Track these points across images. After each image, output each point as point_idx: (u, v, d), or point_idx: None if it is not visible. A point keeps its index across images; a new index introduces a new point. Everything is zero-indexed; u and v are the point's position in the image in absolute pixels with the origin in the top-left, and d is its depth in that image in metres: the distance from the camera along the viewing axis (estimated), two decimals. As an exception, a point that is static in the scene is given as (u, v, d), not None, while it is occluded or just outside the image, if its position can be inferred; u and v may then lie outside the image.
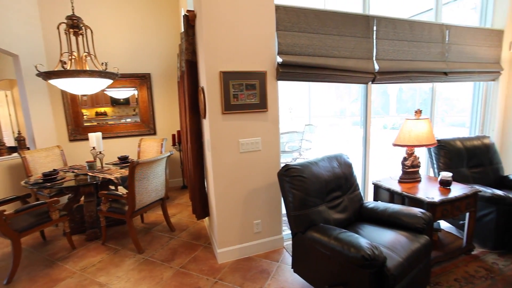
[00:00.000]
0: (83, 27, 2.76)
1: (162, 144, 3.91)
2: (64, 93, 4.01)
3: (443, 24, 3.13)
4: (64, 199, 3.53)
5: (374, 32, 2.74)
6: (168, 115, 4.70)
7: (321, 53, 2.48)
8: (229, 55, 2.18)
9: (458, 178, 2.69)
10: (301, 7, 2.38)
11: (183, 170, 4.70)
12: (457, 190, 2.25)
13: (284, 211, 2.08)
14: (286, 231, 2.71)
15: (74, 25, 2.67)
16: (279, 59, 2.30)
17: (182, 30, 2.55)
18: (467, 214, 2.31)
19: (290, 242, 2.46)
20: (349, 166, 2.25)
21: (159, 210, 3.47)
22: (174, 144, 4.56)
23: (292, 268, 2.06)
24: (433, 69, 3.05)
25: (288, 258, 2.45)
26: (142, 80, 4.43)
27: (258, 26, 2.23)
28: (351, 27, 2.61)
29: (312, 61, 2.41)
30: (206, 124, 2.34)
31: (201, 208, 2.71)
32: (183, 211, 3.67)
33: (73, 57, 2.68)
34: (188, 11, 2.40)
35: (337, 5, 2.62)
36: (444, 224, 2.86)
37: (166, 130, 4.69)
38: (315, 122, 7.45)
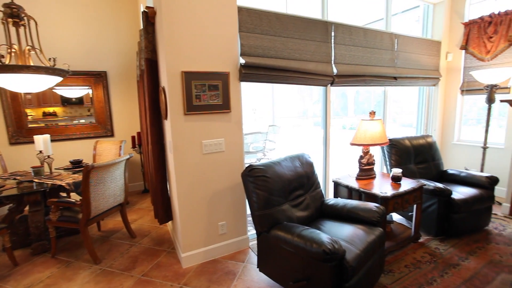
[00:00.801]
0: (25, 18, 2.49)
1: (120, 146, 3.69)
2: (2, 91, 3.58)
3: (393, 33, 3.41)
4: (4, 210, 3.15)
5: (332, 37, 2.89)
6: (127, 116, 4.45)
7: (283, 55, 2.55)
8: (191, 55, 2.14)
9: (407, 173, 2.95)
10: (264, 9, 2.43)
11: (144, 173, 4.49)
12: (406, 184, 2.47)
13: (249, 211, 2.10)
14: (252, 231, 2.73)
15: (14, 14, 2.40)
16: (242, 60, 2.32)
17: (142, 27, 2.44)
18: (415, 206, 2.54)
19: (256, 242, 2.48)
20: (310, 165, 2.35)
21: (118, 217, 3.27)
22: (134, 146, 4.33)
23: (257, 267, 2.09)
24: (384, 74, 3.31)
25: (253, 258, 2.47)
26: (97, 78, 4.13)
27: (220, 26, 2.22)
28: (311, 32, 2.72)
29: (274, 63, 2.47)
30: (167, 125, 2.26)
31: (164, 212, 2.61)
32: (144, 216, 3.51)
33: (13, 50, 2.40)
34: (147, 7, 2.31)
35: (298, 10, 2.71)
36: (396, 216, 3.12)
37: (125, 132, 4.44)
38: (278, 123, 7.62)
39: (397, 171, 2.50)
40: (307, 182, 2.26)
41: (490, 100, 3.33)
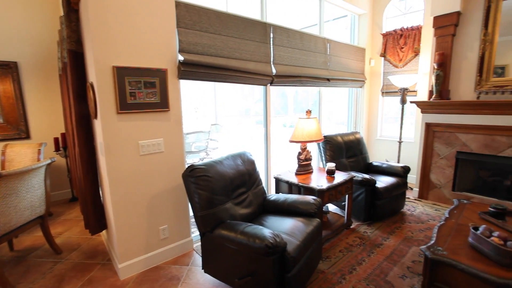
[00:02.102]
0: None
1: (39, 150, 3.19)
2: None
3: (325, 38, 3.69)
4: None
5: (271, 38, 2.99)
6: (48, 115, 3.88)
7: (223, 54, 2.54)
8: (124, 49, 1.97)
9: (340, 167, 3.25)
10: (203, 6, 2.38)
11: (71, 179, 3.98)
12: (339, 177, 2.71)
13: (192, 212, 2.04)
14: (196, 233, 2.67)
15: None
16: (181, 57, 2.24)
17: (62, 13, 2.16)
18: (347, 196, 2.81)
19: (200, 243, 2.44)
20: (252, 163, 2.40)
21: (38, 231, 2.84)
22: (57, 150, 3.81)
23: (202, 269, 2.05)
24: (319, 75, 3.57)
25: (198, 260, 2.42)
26: (4, 70, 3.50)
27: (157, 20, 2.10)
28: (251, 32, 2.77)
29: (214, 61, 2.44)
30: (98, 125, 2.05)
31: (96, 220, 2.37)
32: (73, 228, 3.12)
33: None
34: (68, -8, 2.05)
35: (239, 10, 2.73)
36: (331, 207, 3.40)
37: (46, 133, 3.86)
38: (221, 122, 7.59)
39: (331, 165, 2.73)
40: (249, 180, 2.31)
41: (403, 101, 3.87)
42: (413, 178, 4.01)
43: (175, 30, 2.22)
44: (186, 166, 1.99)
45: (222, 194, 2.01)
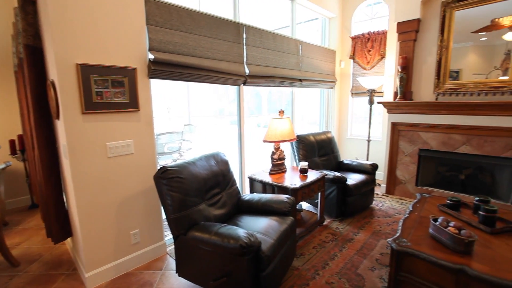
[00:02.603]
0: None
1: (-8, 153, 2.93)
2: None
3: (297, 40, 3.77)
4: None
5: (244, 38, 2.99)
6: (2, 115, 3.57)
7: (196, 53, 2.50)
8: (89, 46, 1.87)
9: (312, 165, 3.34)
10: (174, 4, 2.32)
11: (30, 184, 3.69)
12: (312, 175, 2.78)
13: (164, 215, 1.99)
14: (169, 236, 2.60)
15: None
16: (151, 56, 2.17)
17: (17, 4, 1.99)
18: (319, 193, 2.89)
19: (173, 246, 2.38)
20: (226, 163, 2.39)
21: (-9, 242, 2.60)
22: (13, 153, 3.51)
23: (176, 272, 2.00)
24: (291, 76, 3.63)
25: (172, 263, 2.36)
26: (-50, 66, 3.17)
27: (125, 15, 2.02)
28: (224, 32, 2.75)
29: (186, 60, 2.40)
30: (60, 126, 1.93)
31: (59, 228, 2.22)
32: (32, 237, 2.90)
33: None
34: (24, -17, 1.90)
35: (211, 9, 2.70)
36: (304, 205, 3.48)
37: (0, 135, 3.56)
38: (195, 122, 7.46)
39: (304, 164, 2.80)
40: (223, 180, 2.29)
41: (371, 102, 4.06)
42: (381, 175, 4.22)
43: (144, 27, 2.14)
44: (158, 168, 1.93)
45: (195, 195, 1.98)
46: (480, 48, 3.23)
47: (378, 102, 3.87)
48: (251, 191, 2.84)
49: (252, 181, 2.79)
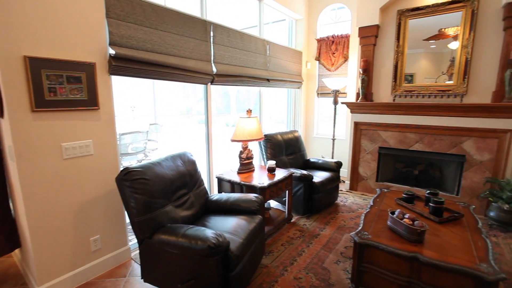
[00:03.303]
0: None
1: None
2: None
3: (265, 40, 3.81)
4: None
5: (212, 37, 2.95)
6: None
7: (161, 50, 2.42)
8: (40, 37, 1.72)
9: (280, 164, 3.40)
10: (136, -3, 2.22)
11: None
12: (280, 174, 2.83)
13: (128, 219, 1.90)
14: (134, 240, 2.49)
15: None
16: (112, 51, 2.05)
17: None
18: (287, 191, 2.95)
19: (138, 251, 2.28)
20: (193, 163, 2.34)
21: None
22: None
23: (142, 278, 1.92)
24: (259, 76, 3.66)
25: (137, 269, 2.26)
26: None
27: (81, 6, 1.88)
28: (191, 29, 2.69)
29: (151, 57, 2.30)
30: (5, 125, 1.75)
31: (5, 238, 2.01)
32: (-27, 249, 2.59)
33: None
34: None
35: (177, 5, 2.62)
36: (273, 203, 3.54)
37: None
38: (161, 121, 7.20)
39: (272, 163, 2.84)
40: (190, 181, 2.25)
41: (335, 102, 4.24)
42: (345, 172, 4.42)
43: (104, 20, 2.02)
44: (121, 169, 1.84)
45: (161, 197, 1.91)
46: (430, 55, 3.53)
47: (342, 103, 4.06)
48: (220, 191, 2.81)
49: (220, 180, 2.77)
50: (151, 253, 1.81)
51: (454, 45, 3.31)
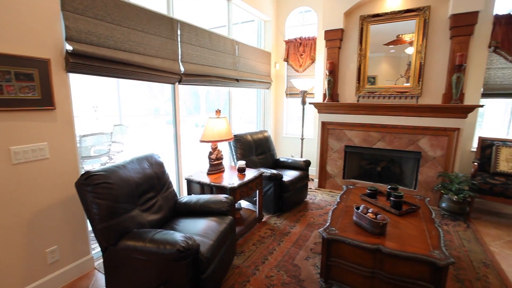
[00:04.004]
0: None
1: None
2: None
3: (234, 40, 3.80)
4: None
5: (179, 35, 2.88)
6: None
7: (125, 47, 2.30)
8: (-19, 30, 1.55)
9: (250, 164, 3.41)
10: (96, -10, 2.09)
11: None
12: (250, 174, 2.85)
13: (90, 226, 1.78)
14: (98, 249, 2.35)
15: None
16: (69, 47, 1.91)
17: None
18: (257, 191, 2.97)
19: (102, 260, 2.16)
20: (160, 165, 2.26)
21: None
22: None
23: (105, 288, 1.82)
24: (228, 76, 3.64)
25: (101, 279, 2.13)
26: None
27: (31, -1, 1.73)
28: (156, 26, 2.60)
29: (114, 55, 2.19)
30: None
31: None
32: None
33: None
34: None
35: (142, 1, 2.52)
36: (243, 203, 3.54)
37: None
38: (126, 122, 6.87)
39: (242, 163, 2.84)
40: (158, 183, 2.17)
41: (303, 102, 4.36)
42: (313, 170, 4.56)
43: (59, 13, 1.88)
44: (81, 174, 1.72)
45: (127, 201, 1.82)
46: (390, 58, 3.77)
47: (310, 103, 4.18)
48: (189, 193, 2.75)
49: (189, 182, 2.71)
50: (116, 261, 1.72)
51: (410, 50, 3.56)
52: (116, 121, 6.81)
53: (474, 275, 2.18)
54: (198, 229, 1.94)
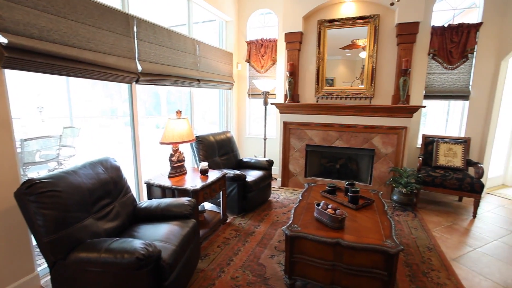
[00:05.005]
0: None
1: None
2: None
3: (195, 39, 3.72)
4: None
5: (135, 32, 2.73)
6: None
7: (73, 43, 2.12)
8: None
9: (213, 165, 3.37)
10: (36, -22, 1.89)
11: None
12: (213, 175, 2.81)
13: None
14: (45, 265, 2.13)
15: None
16: (3, 39, 1.70)
17: None
18: (221, 192, 2.94)
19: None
20: (117, 170, 2.13)
21: None
22: None
23: (54, 307, 1.65)
24: (189, 76, 3.56)
25: (48, 296, 1.94)
26: None
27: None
28: (110, 22, 2.43)
29: (60, 50, 2.00)
30: None
31: None
32: None
33: None
34: None
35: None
36: (207, 205, 3.48)
37: None
38: (79, 124, 6.33)
39: (204, 164, 2.79)
40: (114, 189, 2.03)
41: (265, 103, 4.42)
42: (276, 170, 4.65)
43: (-9, 1, 1.66)
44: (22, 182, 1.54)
45: (78, 210, 1.68)
46: (346, 62, 3.99)
47: (272, 104, 4.26)
48: (149, 198, 2.63)
49: (149, 186, 2.59)
50: (67, 276, 1.57)
51: (363, 55, 3.82)
52: (67, 123, 6.24)
53: (420, 259, 2.40)
54: (159, 235, 1.86)
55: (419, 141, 4.10)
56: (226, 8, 4.49)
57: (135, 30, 2.72)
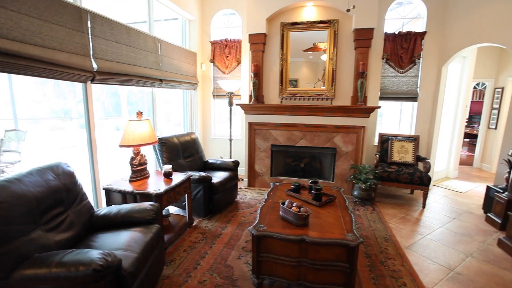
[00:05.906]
0: None
1: None
2: None
3: (156, 38, 3.58)
4: None
5: (89, 28, 2.55)
6: None
7: (14, 36, 1.91)
8: None
9: (177, 168, 3.27)
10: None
11: None
12: (177, 178, 2.73)
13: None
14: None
15: None
16: None
17: None
18: (186, 195, 2.87)
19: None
20: (70, 176, 1.96)
21: None
22: None
23: (-4, 331, 1.47)
24: (151, 75, 3.41)
25: (-11, 320, 1.72)
26: None
27: None
28: (58, 15, 2.24)
29: (-2, 44, 1.79)
30: None
31: None
32: None
33: None
34: None
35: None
36: (172, 209, 3.37)
37: None
38: (25, 127, 5.73)
39: (168, 167, 2.70)
40: (67, 196, 1.88)
41: (230, 104, 4.41)
42: (242, 170, 4.66)
43: None
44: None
45: (23, 222, 1.52)
46: (309, 64, 4.13)
47: (237, 104, 4.26)
48: (109, 204, 2.47)
49: (108, 192, 2.44)
50: (10, 295, 1.41)
51: (325, 57, 3.99)
52: (9, 126, 5.60)
53: (378, 249, 2.57)
54: (120, 243, 1.75)
55: (376, 139, 4.39)
56: (189, 7, 4.39)
57: (89, 25, 2.54)
